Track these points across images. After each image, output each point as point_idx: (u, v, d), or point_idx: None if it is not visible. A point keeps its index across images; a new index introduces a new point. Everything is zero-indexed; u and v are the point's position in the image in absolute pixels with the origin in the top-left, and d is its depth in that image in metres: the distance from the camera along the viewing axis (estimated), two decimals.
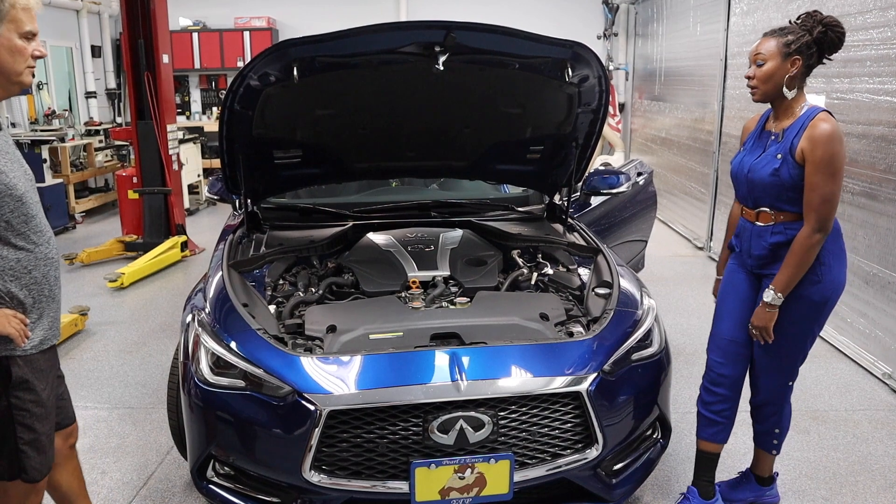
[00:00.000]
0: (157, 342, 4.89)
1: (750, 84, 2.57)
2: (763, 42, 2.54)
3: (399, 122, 3.37)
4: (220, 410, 2.39)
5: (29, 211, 2.04)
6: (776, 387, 2.75)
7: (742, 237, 2.76)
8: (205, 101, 11.77)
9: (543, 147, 3.63)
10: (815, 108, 2.51)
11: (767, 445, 2.89)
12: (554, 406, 2.37)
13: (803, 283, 2.55)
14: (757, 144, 2.66)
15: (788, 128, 2.53)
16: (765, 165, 2.56)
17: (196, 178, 9.79)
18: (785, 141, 2.52)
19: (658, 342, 2.70)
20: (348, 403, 2.26)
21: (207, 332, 2.54)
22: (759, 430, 2.89)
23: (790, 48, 2.48)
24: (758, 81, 2.54)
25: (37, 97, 9.68)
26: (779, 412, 2.82)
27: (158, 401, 3.95)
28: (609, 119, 10.44)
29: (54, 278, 2.14)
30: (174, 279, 6.51)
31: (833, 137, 2.41)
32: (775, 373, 2.73)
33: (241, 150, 3.22)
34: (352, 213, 3.77)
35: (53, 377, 2.18)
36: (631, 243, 4.95)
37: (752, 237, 2.68)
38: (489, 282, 3.12)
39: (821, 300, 2.58)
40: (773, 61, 2.50)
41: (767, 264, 2.66)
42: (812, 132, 2.44)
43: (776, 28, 2.56)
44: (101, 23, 11.26)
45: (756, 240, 2.66)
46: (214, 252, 3.40)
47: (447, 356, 2.39)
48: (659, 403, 2.67)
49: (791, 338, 2.64)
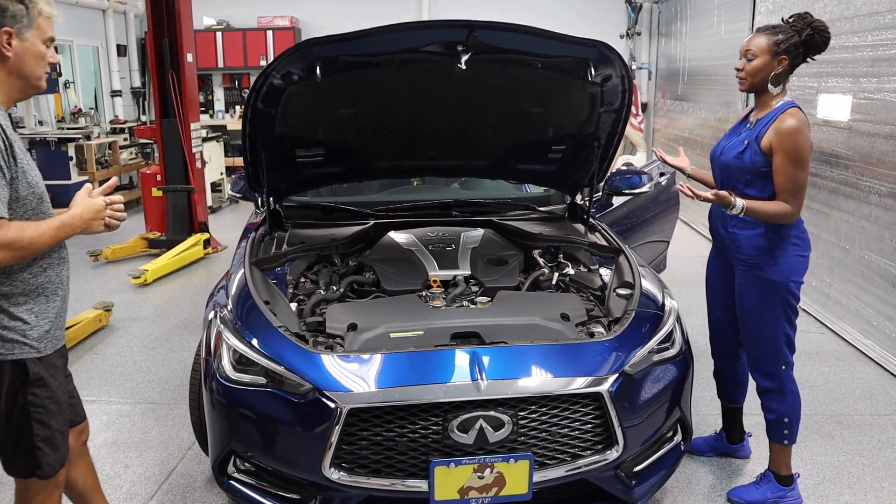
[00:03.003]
0: (180, 338, 4.94)
1: (738, 75, 2.78)
2: (755, 38, 2.73)
3: (420, 122, 3.38)
4: (241, 407, 2.40)
5: (47, 210, 2.08)
6: (771, 371, 2.89)
7: (712, 218, 3.04)
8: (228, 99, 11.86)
9: (565, 147, 3.62)
10: (787, 103, 2.72)
11: (779, 436, 2.92)
12: (574, 406, 2.36)
13: (761, 266, 2.80)
14: (735, 131, 2.93)
15: (761, 118, 2.77)
16: (732, 148, 2.83)
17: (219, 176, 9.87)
18: (755, 129, 2.76)
19: (679, 343, 2.69)
20: (368, 402, 2.26)
21: (229, 329, 2.56)
22: (770, 419, 2.95)
23: (779, 47, 2.68)
24: (746, 74, 2.75)
25: (63, 96, 9.81)
26: (783, 398, 2.90)
27: (181, 396, 3.99)
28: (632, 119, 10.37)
29: (66, 278, 2.17)
30: (197, 276, 6.57)
31: (797, 130, 2.63)
32: (763, 358, 2.89)
33: (263, 148, 3.24)
34: (373, 211, 3.78)
35: (64, 375, 2.21)
36: (653, 244, 4.91)
37: (718, 219, 2.98)
38: (510, 281, 3.11)
39: (780, 280, 2.79)
40: (762, 58, 2.70)
41: (730, 247, 2.90)
42: (779, 126, 2.66)
43: (769, 25, 2.75)
44: (127, 22, 11.40)
45: (720, 221, 2.96)
46: (237, 250, 3.43)
47: (467, 355, 2.39)
48: (680, 405, 2.65)
49: (760, 318, 2.84)
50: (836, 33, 5.03)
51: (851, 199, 4.87)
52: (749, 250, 2.83)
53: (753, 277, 2.83)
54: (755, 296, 2.84)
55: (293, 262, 3.22)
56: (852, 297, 4.89)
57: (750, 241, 2.82)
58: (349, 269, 3.28)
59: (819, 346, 4.78)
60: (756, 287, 2.83)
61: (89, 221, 2.08)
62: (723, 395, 3.30)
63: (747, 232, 2.82)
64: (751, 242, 2.82)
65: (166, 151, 7.17)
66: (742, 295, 2.88)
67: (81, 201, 2.09)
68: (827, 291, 5.19)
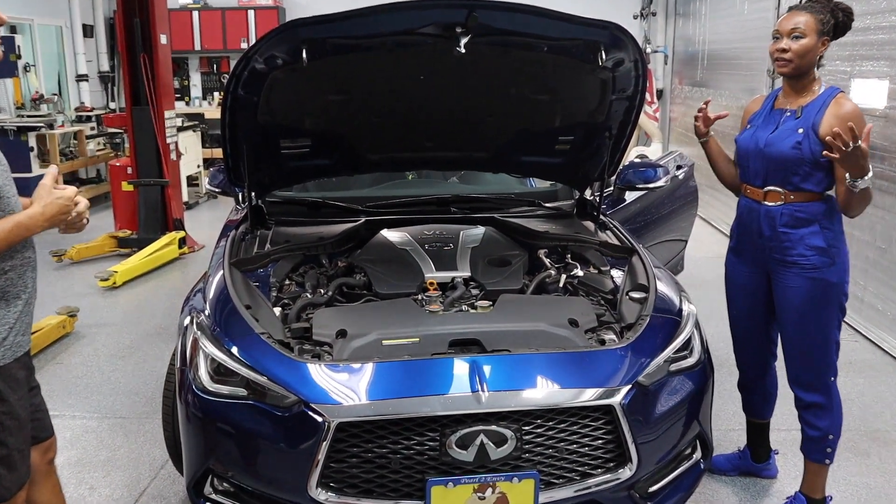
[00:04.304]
0: (152, 346, 4.94)
1: (784, 57, 2.74)
2: (797, 15, 2.72)
3: (416, 110, 3.38)
4: (219, 421, 2.41)
5: (6, 206, 2.05)
6: (818, 383, 2.90)
7: (746, 219, 2.98)
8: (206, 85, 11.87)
9: (574, 137, 3.63)
10: (833, 88, 2.76)
11: (820, 455, 2.92)
12: (584, 420, 2.37)
13: (818, 267, 2.80)
14: (768, 121, 2.90)
15: (808, 105, 2.76)
16: (785, 139, 2.77)
17: (196, 169, 9.87)
18: (805, 118, 2.75)
19: (698, 352, 2.70)
20: (359, 415, 2.27)
21: (207, 336, 2.57)
22: (812, 436, 2.95)
23: (824, 27, 2.70)
24: (794, 55, 2.73)
25: (23, 80, 9.79)
26: (829, 413, 2.91)
27: (153, 410, 3.99)
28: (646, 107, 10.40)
29: (32, 281, 2.14)
30: (171, 278, 6.57)
31: (860, 114, 2.67)
32: (811, 369, 2.90)
33: (244, 138, 3.24)
34: (364, 208, 3.79)
35: (27, 388, 2.19)
36: (669, 243, 4.92)
37: (761, 218, 2.91)
38: (513, 284, 3.12)
39: (837, 281, 2.81)
40: (811, 37, 2.71)
41: (778, 248, 2.86)
42: (838, 111, 2.68)
43: (805, 3, 2.76)
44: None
45: (766, 220, 2.89)
46: (215, 249, 3.44)
47: (467, 365, 2.39)
48: (699, 419, 2.66)
49: (812, 324, 2.85)
50: (871, 11, 5.05)
51: (888, 195, 4.88)
52: (803, 250, 2.82)
53: (808, 280, 2.82)
54: (809, 300, 2.83)
55: (277, 262, 3.22)
56: (889, 301, 4.90)
57: (804, 241, 2.81)
58: (338, 270, 3.29)
59: (853, 356, 4.79)
60: (811, 290, 2.82)
61: (54, 220, 2.03)
62: (749, 408, 3.32)
63: (802, 230, 2.81)
64: (805, 242, 2.81)
65: (137, 142, 7.17)
66: (789, 300, 2.88)
67: (45, 194, 2.03)
68: (861, 295, 5.21)
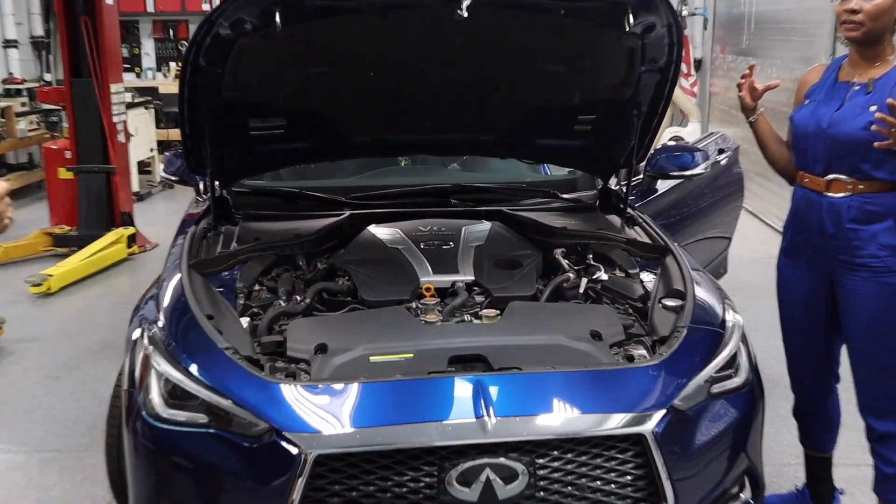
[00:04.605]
0: (94, 365, 4.93)
1: (854, 19, 2.72)
2: None
3: (410, 84, 3.38)
4: (174, 454, 2.40)
5: None
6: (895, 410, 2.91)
7: (804, 213, 2.98)
8: (160, 54, 11.88)
9: (596, 116, 3.63)
10: None
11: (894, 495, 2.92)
12: (609, 452, 2.37)
13: (894, 270, 2.80)
14: (831, 96, 2.90)
15: (881, 78, 2.77)
16: (854, 118, 2.76)
17: (148, 153, 9.87)
18: (879, 93, 2.74)
19: (746, 370, 2.69)
20: (342, 446, 2.27)
21: (160, 351, 2.56)
22: (888, 473, 2.96)
23: None
24: (866, 17, 2.71)
25: None
26: None
27: (94, 442, 3.98)
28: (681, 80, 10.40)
29: None
30: (118, 283, 6.56)
31: None
32: (888, 392, 2.92)
33: (207, 117, 3.24)
34: (349, 199, 3.79)
35: None
36: (710, 241, 4.92)
37: (822, 212, 2.90)
38: (525, 289, 3.12)
39: None
40: None
41: (844, 247, 2.85)
42: None
43: None
44: None
45: (829, 214, 2.88)
46: (171, 249, 3.43)
47: (470, 385, 2.39)
48: (747, 451, 2.65)
49: (891, 338, 2.86)
50: None
51: None
52: (876, 250, 2.82)
53: (881, 286, 2.83)
54: (882, 310, 2.84)
55: (245, 264, 3.22)
56: None
57: (877, 239, 2.81)
58: (317, 273, 3.29)
59: None
60: (884, 298, 2.83)
61: None
62: (807, 440, 3.31)
63: (874, 226, 2.81)
64: (878, 240, 2.81)
65: (78, 121, 7.17)
66: (858, 310, 2.89)
67: None
68: None
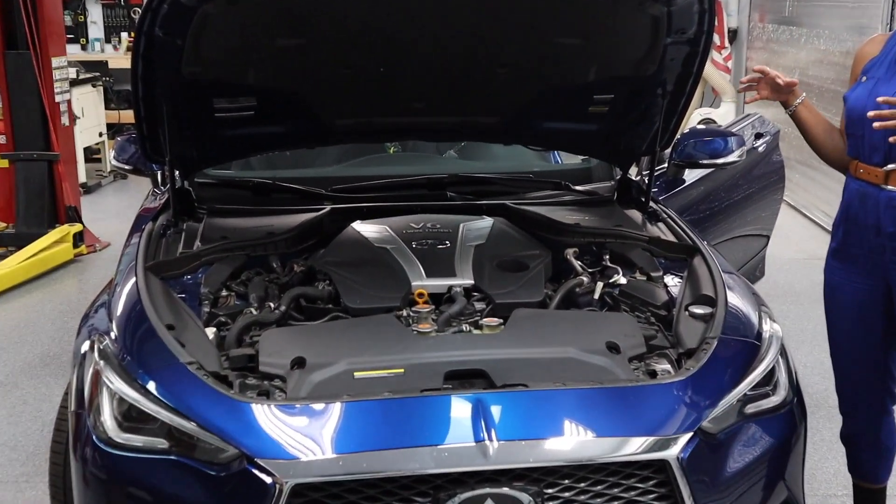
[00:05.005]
0: (36, 383, 4.93)
1: None
2: None
3: (401, 60, 3.39)
4: (130, 485, 2.41)
5: None
6: None
7: (857, 209, 2.98)
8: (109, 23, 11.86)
9: (614, 96, 3.64)
10: None
11: None
12: (628, 481, 2.37)
13: None
14: (893, 72, 2.88)
15: None
16: None
17: (97, 138, 9.86)
18: None
19: (785, 388, 2.71)
20: (322, 474, 2.27)
21: (113, 367, 2.56)
22: None
23: None
24: None
25: None
26: None
27: (36, 471, 3.98)
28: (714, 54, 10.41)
29: None
30: (63, 289, 6.55)
31: None
32: None
33: (164, 97, 3.24)
34: (330, 191, 3.80)
35: None
36: (745, 239, 4.94)
37: (880, 207, 2.90)
38: (531, 295, 3.13)
39: None
40: None
41: None
42: None
43: None
44: None
45: (887, 211, 2.89)
46: (125, 249, 3.44)
47: (469, 405, 2.40)
48: (786, 480, 2.67)
49: None
50: None
51: None
52: None
53: None
54: None
55: (210, 266, 3.23)
56: None
57: None
58: (294, 276, 3.29)
59: None
60: None
61: None
62: (857, 468, 3.33)
63: None
64: None
65: (13, 100, 7.15)
66: None
67: None
68: None
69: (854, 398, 3.23)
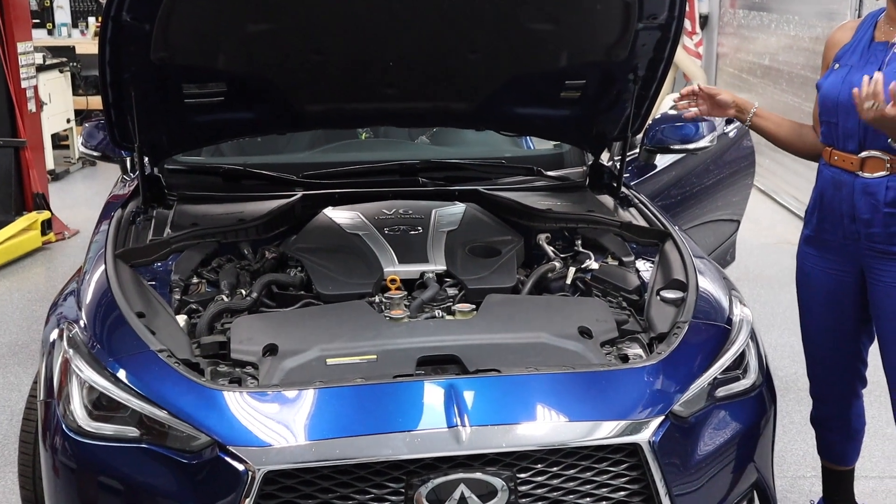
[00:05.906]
0: (4, 372, 4.91)
1: None
2: None
3: (372, 45, 3.37)
4: (100, 473, 2.40)
5: None
6: None
7: (832, 196, 2.98)
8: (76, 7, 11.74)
9: (586, 81, 3.64)
10: None
11: None
12: (600, 465, 2.39)
13: None
14: (867, 59, 2.89)
15: None
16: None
17: (65, 124, 9.76)
18: None
19: (755, 372, 2.73)
20: (295, 461, 2.27)
21: (83, 355, 2.55)
22: None
23: None
24: None
25: None
26: None
27: (5, 461, 3.97)
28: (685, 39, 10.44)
29: None
30: (31, 277, 6.51)
31: None
32: None
33: (133, 82, 3.21)
34: (301, 177, 3.79)
35: None
36: (716, 224, 4.97)
37: (854, 194, 2.91)
38: (504, 280, 3.14)
39: None
40: None
41: (881, 236, 2.88)
42: None
43: None
44: None
45: (862, 197, 2.89)
46: (93, 236, 3.42)
47: (442, 391, 2.40)
48: (757, 462, 2.69)
49: None
50: None
51: None
52: None
53: None
54: None
55: (181, 253, 3.21)
56: None
57: None
58: (265, 263, 3.29)
59: None
60: None
61: None
62: (826, 450, 3.36)
63: None
64: None
65: None
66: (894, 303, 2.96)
67: None
68: None
69: (825, 383, 3.26)
